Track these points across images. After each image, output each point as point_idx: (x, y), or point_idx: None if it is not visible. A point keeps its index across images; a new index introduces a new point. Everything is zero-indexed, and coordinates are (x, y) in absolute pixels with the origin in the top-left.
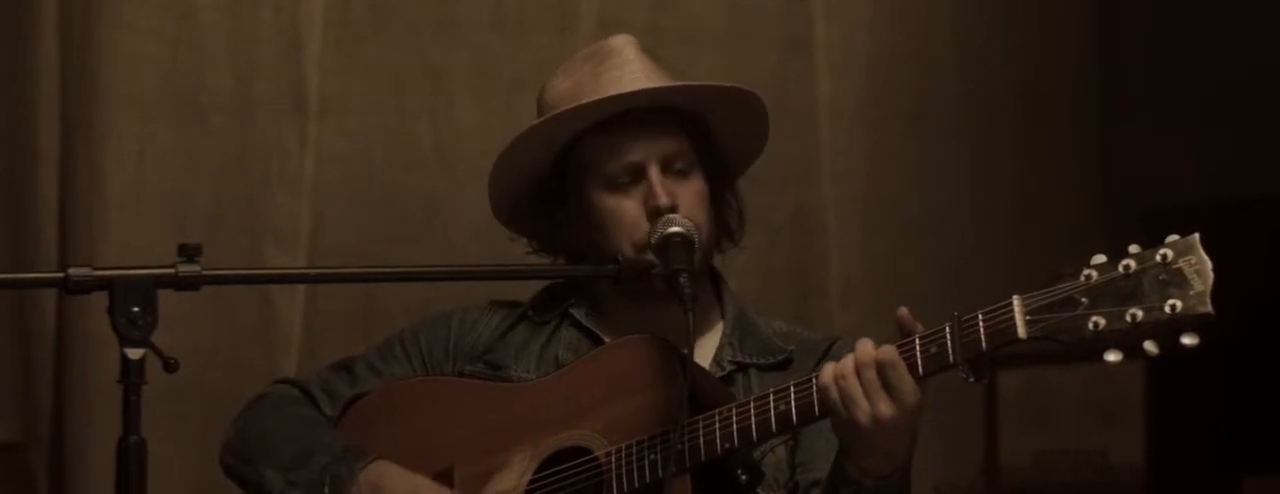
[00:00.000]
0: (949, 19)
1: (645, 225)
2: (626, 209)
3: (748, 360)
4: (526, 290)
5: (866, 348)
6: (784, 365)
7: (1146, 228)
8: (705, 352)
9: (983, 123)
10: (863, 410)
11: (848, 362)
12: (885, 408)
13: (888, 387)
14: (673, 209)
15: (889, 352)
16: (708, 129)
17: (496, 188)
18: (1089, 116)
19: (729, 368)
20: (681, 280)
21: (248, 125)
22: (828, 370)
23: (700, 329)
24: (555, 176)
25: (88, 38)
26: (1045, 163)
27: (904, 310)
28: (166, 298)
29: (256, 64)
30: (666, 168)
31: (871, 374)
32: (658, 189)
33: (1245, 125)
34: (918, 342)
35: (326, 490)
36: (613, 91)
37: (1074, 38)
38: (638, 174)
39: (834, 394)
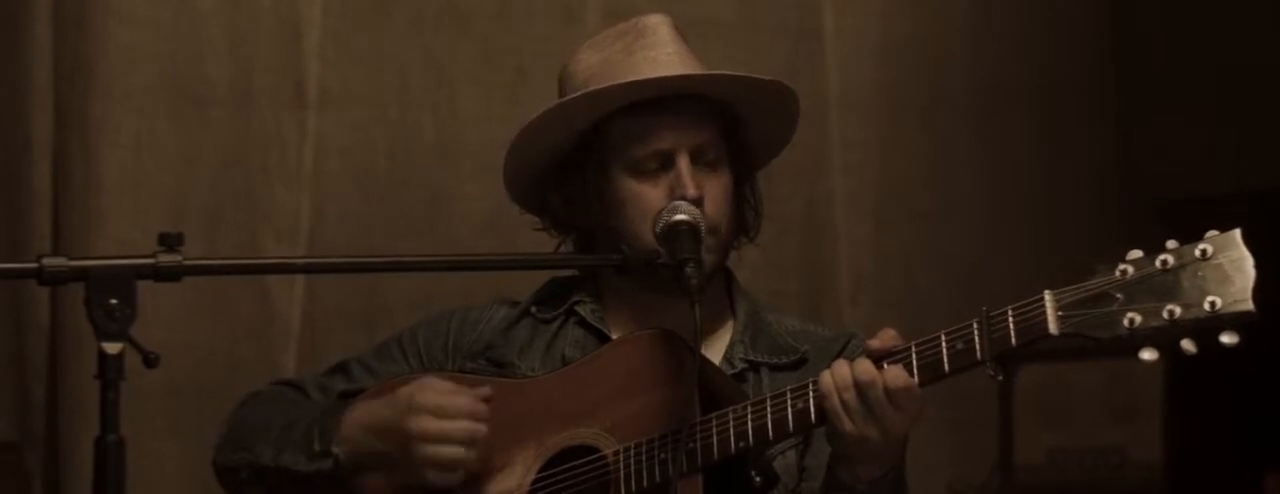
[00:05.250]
0: (962, 9)
1: None
2: (651, 197)
3: (760, 359)
4: (530, 286)
5: (868, 369)
6: (797, 366)
7: (1164, 221)
8: (716, 350)
9: (996, 115)
10: (863, 427)
11: (850, 372)
12: (887, 426)
13: (895, 408)
14: (698, 202)
15: (900, 376)
16: (736, 121)
17: (513, 163)
18: (1105, 108)
19: (740, 366)
20: (688, 270)
21: (246, 117)
22: (826, 378)
23: (711, 328)
24: (576, 154)
25: (83, 28)
26: (1060, 156)
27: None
28: (164, 294)
29: (255, 54)
30: (696, 158)
31: (878, 393)
32: (687, 179)
33: (1264, 117)
34: (944, 337)
35: (317, 446)
36: (646, 73)
37: (1090, 28)
38: (666, 162)
39: (834, 403)
